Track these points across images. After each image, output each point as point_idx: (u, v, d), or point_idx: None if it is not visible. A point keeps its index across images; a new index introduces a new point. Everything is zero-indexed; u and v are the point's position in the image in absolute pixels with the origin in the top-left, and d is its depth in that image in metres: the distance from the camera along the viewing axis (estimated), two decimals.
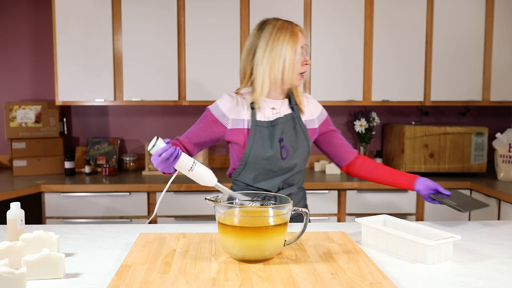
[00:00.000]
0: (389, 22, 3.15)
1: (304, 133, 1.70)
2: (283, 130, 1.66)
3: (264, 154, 1.63)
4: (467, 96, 3.21)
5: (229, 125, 1.66)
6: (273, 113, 1.68)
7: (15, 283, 0.98)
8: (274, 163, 1.65)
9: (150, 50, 3.09)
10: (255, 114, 1.66)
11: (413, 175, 1.74)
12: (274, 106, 1.69)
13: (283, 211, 1.21)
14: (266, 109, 1.67)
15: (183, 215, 2.89)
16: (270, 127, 1.66)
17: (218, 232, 1.22)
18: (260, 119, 1.66)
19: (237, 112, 1.66)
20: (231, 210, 1.23)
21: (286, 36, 1.60)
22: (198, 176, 1.43)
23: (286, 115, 1.68)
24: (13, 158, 3.15)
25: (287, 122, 1.68)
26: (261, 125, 1.65)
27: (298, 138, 1.69)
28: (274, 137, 1.65)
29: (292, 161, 1.68)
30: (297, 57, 1.62)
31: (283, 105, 1.71)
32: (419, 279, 1.14)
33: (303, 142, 1.69)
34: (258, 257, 1.19)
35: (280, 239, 1.20)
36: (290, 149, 1.67)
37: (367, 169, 1.78)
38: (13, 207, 1.34)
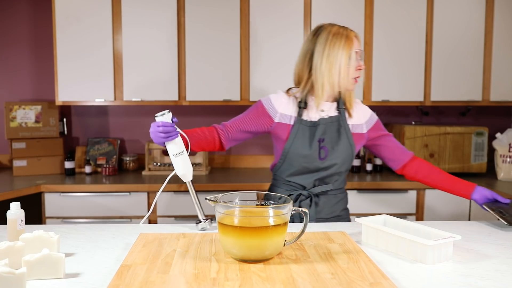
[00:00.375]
0: (389, 22, 3.15)
1: (348, 136, 1.74)
2: (325, 131, 1.72)
3: (301, 152, 1.70)
4: (467, 96, 3.21)
5: (276, 118, 1.74)
6: (320, 114, 1.73)
7: (15, 283, 0.98)
8: (310, 161, 1.71)
9: (150, 50, 3.09)
10: (302, 113, 1.73)
11: (471, 183, 1.75)
12: (323, 108, 1.74)
13: (283, 211, 1.21)
14: (313, 109, 1.74)
15: (183, 215, 2.89)
16: (312, 126, 1.72)
17: (218, 232, 1.22)
18: (305, 118, 1.73)
19: (286, 107, 1.74)
20: (231, 210, 1.23)
21: (342, 41, 1.66)
22: (179, 164, 1.53)
23: (331, 117, 1.74)
24: (13, 158, 3.15)
25: (331, 124, 1.73)
26: (305, 124, 1.72)
27: (341, 141, 1.73)
28: (314, 137, 1.71)
29: (330, 161, 1.72)
30: (351, 62, 1.68)
31: (332, 107, 1.76)
32: (419, 279, 1.14)
33: (345, 145, 1.73)
34: (258, 257, 1.19)
35: (280, 239, 1.20)
36: (330, 150, 1.71)
37: (423, 172, 1.80)
38: (13, 207, 1.34)
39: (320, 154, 1.71)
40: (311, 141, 1.71)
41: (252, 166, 3.56)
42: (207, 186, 2.90)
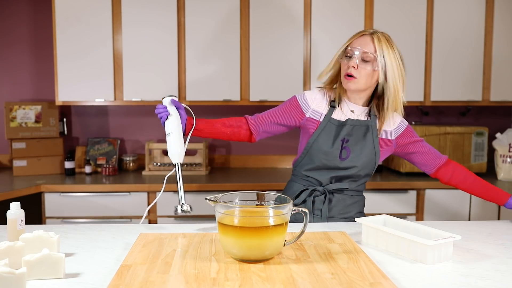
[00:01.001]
0: (389, 22, 3.14)
1: (374, 142, 1.73)
2: (351, 132, 1.72)
3: (323, 148, 1.71)
4: (467, 96, 3.21)
5: (308, 113, 1.76)
6: (350, 114, 1.74)
7: (15, 283, 0.98)
8: (330, 159, 1.71)
9: (150, 50, 3.09)
10: (332, 111, 1.75)
11: (505, 193, 1.74)
12: (354, 110, 1.75)
13: (283, 211, 1.21)
14: (344, 110, 1.75)
15: (183, 215, 2.89)
16: (338, 126, 1.73)
17: (218, 232, 1.22)
18: (334, 117, 1.74)
19: (319, 104, 1.77)
20: (231, 210, 1.23)
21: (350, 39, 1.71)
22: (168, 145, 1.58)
23: (359, 120, 1.73)
24: (13, 158, 3.15)
25: (359, 127, 1.73)
26: (332, 122, 1.73)
27: (365, 145, 1.72)
28: (338, 136, 1.71)
29: (350, 163, 1.71)
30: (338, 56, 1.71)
31: (363, 112, 1.76)
32: (419, 279, 1.14)
33: (369, 150, 1.72)
34: (258, 257, 1.19)
35: (280, 239, 1.20)
36: (352, 152, 1.71)
37: (459, 178, 1.78)
38: (13, 207, 1.34)
39: (341, 154, 1.71)
40: (334, 140, 1.71)
41: (252, 166, 3.56)
42: (207, 186, 2.90)
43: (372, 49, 1.64)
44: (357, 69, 1.64)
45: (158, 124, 3.50)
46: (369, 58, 1.64)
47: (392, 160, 3.33)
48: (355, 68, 1.65)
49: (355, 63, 1.65)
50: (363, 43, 1.65)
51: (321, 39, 3.14)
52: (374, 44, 1.64)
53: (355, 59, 1.65)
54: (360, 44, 1.66)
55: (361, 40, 1.67)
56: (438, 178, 1.83)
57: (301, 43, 3.12)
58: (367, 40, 1.66)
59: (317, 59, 3.15)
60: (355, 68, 1.64)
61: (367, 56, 1.64)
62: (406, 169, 3.14)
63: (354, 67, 1.65)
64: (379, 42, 1.64)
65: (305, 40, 3.12)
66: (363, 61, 1.65)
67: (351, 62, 1.66)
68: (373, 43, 1.64)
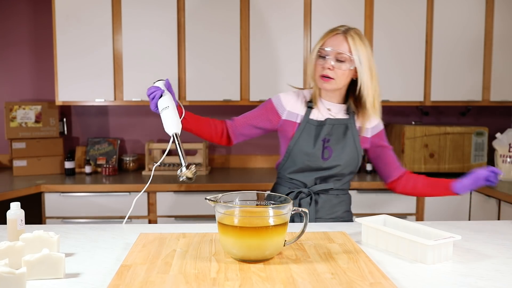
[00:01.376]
0: (389, 22, 3.15)
1: (355, 140, 1.73)
2: (331, 131, 1.71)
3: (305, 150, 1.70)
4: (467, 96, 3.21)
5: (284, 115, 1.75)
6: (328, 113, 1.73)
7: (15, 283, 0.98)
8: (313, 160, 1.71)
9: (150, 50, 3.09)
10: (310, 112, 1.73)
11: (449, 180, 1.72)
12: (330, 108, 1.74)
13: (283, 211, 1.21)
14: (321, 109, 1.74)
15: (183, 215, 2.89)
16: (318, 126, 1.72)
17: (218, 232, 1.22)
18: (312, 117, 1.73)
19: (294, 106, 1.75)
20: (231, 210, 1.23)
21: (321, 37, 1.68)
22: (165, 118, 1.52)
23: (338, 119, 1.72)
24: (13, 158, 3.15)
25: (338, 126, 1.72)
26: (311, 123, 1.72)
27: (347, 144, 1.72)
28: (319, 136, 1.70)
29: (333, 162, 1.71)
30: (312, 57, 1.68)
31: (341, 110, 1.75)
32: (419, 279, 1.14)
33: (351, 148, 1.72)
34: (258, 257, 1.19)
35: (280, 239, 1.20)
36: (334, 151, 1.70)
37: (409, 185, 1.80)
38: (13, 207, 1.34)
39: (323, 154, 1.70)
40: (315, 140, 1.71)
41: (252, 166, 3.56)
42: (207, 186, 2.90)
43: (346, 48, 1.62)
44: (332, 70, 1.63)
45: (158, 124, 3.49)
46: (344, 58, 1.62)
47: None
48: (330, 69, 1.63)
49: (330, 65, 1.62)
50: (336, 43, 1.63)
51: None
52: (348, 44, 1.62)
53: (330, 60, 1.63)
54: (334, 44, 1.63)
55: (334, 40, 1.64)
56: (393, 189, 1.84)
57: (301, 43, 3.12)
58: (340, 40, 1.63)
59: None
60: (331, 69, 1.63)
61: (341, 57, 1.62)
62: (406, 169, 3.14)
63: (330, 69, 1.63)
64: (353, 40, 1.62)
65: (305, 40, 3.12)
66: (338, 61, 1.63)
67: (326, 63, 1.63)
68: (347, 42, 1.62)
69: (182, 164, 1.45)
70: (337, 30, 1.65)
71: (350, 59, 1.62)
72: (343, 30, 1.64)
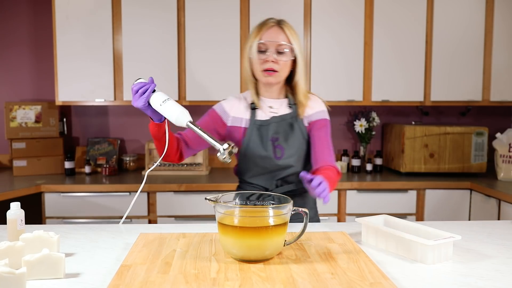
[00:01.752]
0: (389, 22, 3.15)
1: (302, 132, 1.69)
2: (277, 129, 1.67)
3: (256, 153, 1.66)
4: (467, 96, 3.21)
5: (229, 122, 1.71)
6: (270, 112, 1.69)
7: (15, 283, 0.98)
8: (268, 161, 1.66)
9: (150, 50, 3.09)
10: (255, 114, 1.69)
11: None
12: (272, 105, 1.70)
13: (283, 211, 1.21)
14: (264, 108, 1.70)
15: (183, 215, 2.89)
16: (264, 126, 1.67)
17: (218, 232, 1.22)
18: (258, 118, 1.69)
19: (238, 110, 1.71)
20: (231, 210, 1.23)
21: (254, 32, 1.63)
22: (170, 109, 1.40)
23: (282, 115, 1.68)
24: (13, 158, 3.15)
25: (283, 122, 1.68)
26: (257, 124, 1.68)
27: (295, 138, 1.67)
28: (267, 137, 1.66)
29: (288, 160, 1.66)
30: (252, 52, 1.62)
31: (282, 104, 1.71)
32: (419, 279, 1.14)
33: (299, 141, 1.68)
34: (258, 257, 1.19)
35: (280, 239, 1.20)
36: (287, 149, 1.66)
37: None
38: (13, 207, 1.34)
39: (276, 154, 1.66)
40: (264, 141, 1.66)
41: None
42: (207, 186, 2.90)
43: (285, 39, 1.61)
44: (276, 63, 1.61)
45: None
46: (284, 49, 1.61)
47: (392, 160, 3.33)
48: (274, 62, 1.60)
49: (274, 57, 1.60)
50: (274, 35, 1.61)
51: (321, 39, 3.14)
52: (286, 34, 1.62)
53: (272, 53, 1.60)
54: (272, 36, 1.61)
55: (271, 32, 1.61)
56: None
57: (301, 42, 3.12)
58: (277, 31, 1.62)
59: (317, 59, 3.15)
60: (275, 62, 1.60)
61: (282, 48, 1.61)
62: (406, 169, 3.14)
63: (274, 61, 1.60)
64: (289, 30, 1.62)
65: (305, 40, 3.12)
66: (279, 53, 1.61)
67: (268, 56, 1.60)
68: (285, 33, 1.62)
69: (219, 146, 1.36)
70: (270, 22, 1.63)
71: (290, 49, 1.62)
72: (276, 21, 1.63)
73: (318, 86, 3.17)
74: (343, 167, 3.31)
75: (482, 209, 2.86)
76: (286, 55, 1.62)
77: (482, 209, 2.87)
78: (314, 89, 3.17)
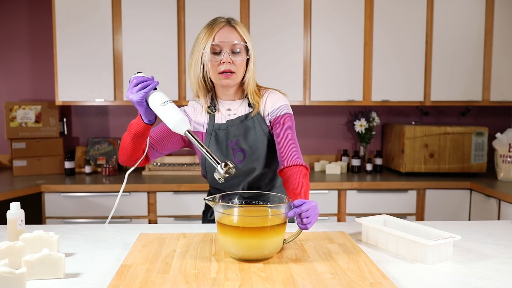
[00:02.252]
0: (389, 22, 3.15)
1: (264, 131, 1.59)
2: (237, 132, 1.58)
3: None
4: (467, 96, 3.21)
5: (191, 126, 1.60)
6: (228, 115, 1.60)
7: (15, 283, 0.98)
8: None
9: (150, 50, 3.09)
10: (213, 118, 1.60)
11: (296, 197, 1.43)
12: (230, 107, 1.61)
13: (281, 211, 1.21)
14: (222, 111, 1.61)
15: (183, 215, 2.89)
16: (223, 129, 1.59)
17: (217, 232, 1.22)
18: (217, 122, 1.60)
19: (198, 115, 1.62)
20: (230, 210, 1.23)
21: (204, 33, 1.53)
22: (170, 113, 1.32)
23: (240, 117, 1.59)
24: (13, 158, 3.15)
25: (242, 123, 1.59)
26: (217, 128, 1.59)
27: (256, 139, 1.58)
28: (226, 141, 1.58)
29: (251, 164, 1.58)
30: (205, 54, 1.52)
31: (242, 105, 1.62)
32: (419, 279, 1.14)
33: (261, 142, 1.59)
34: (258, 256, 1.19)
35: (279, 238, 1.21)
36: (248, 152, 1.57)
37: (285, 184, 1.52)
38: (13, 207, 1.34)
39: (236, 158, 1.57)
40: (224, 146, 1.58)
41: None
42: (207, 186, 2.89)
43: (239, 38, 1.53)
44: (232, 63, 1.52)
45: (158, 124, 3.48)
46: (239, 49, 1.53)
47: (392, 160, 3.33)
48: (231, 63, 1.52)
49: (230, 58, 1.51)
50: (227, 35, 1.52)
51: (321, 39, 3.14)
52: (239, 33, 1.54)
53: (227, 54, 1.51)
54: (226, 36, 1.52)
55: (224, 32, 1.52)
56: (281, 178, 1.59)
57: (301, 43, 3.12)
58: (230, 30, 1.53)
59: (317, 59, 3.15)
60: (231, 63, 1.52)
61: (236, 48, 1.52)
62: (406, 169, 3.14)
63: (230, 62, 1.51)
64: (241, 29, 1.55)
65: (305, 40, 3.12)
66: (234, 53, 1.52)
67: (224, 58, 1.51)
68: (238, 32, 1.54)
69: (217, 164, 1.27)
70: (221, 22, 1.54)
71: (244, 49, 1.55)
72: (226, 20, 1.55)
73: (318, 86, 3.17)
74: (343, 167, 3.31)
75: (482, 209, 2.86)
76: (241, 55, 1.54)
77: (482, 209, 2.87)
78: (314, 89, 3.17)
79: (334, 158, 3.57)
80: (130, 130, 1.46)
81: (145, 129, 1.44)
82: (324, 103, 3.19)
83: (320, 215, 2.97)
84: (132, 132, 1.45)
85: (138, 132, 1.44)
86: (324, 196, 2.96)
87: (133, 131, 1.45)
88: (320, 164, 3.38)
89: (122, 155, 1.53)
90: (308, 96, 3.17)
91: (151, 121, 1.43)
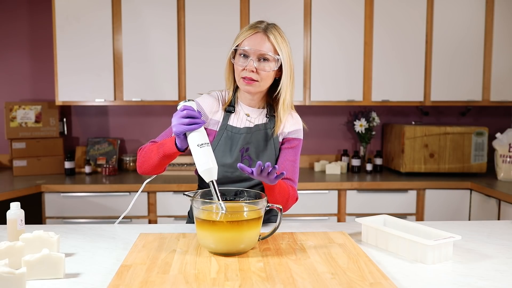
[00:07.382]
0: (389, 22, 3.15)
1: (275, 146, 1.59)
2: (250, 140, 1.56)
3: (222, 161, 1.53)
4: (467, 96, 3.21)
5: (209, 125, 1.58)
6: (246, 120, 1.58)
7: (15, 283, 0.98)
8: (232, 171, 1.54)
9: (150, 50, 3.09)
10: (228, 118, 1.57)
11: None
12: (249, 113, 1.58)
13: (257, 206, 1.26)
14: (240, 114, 1.58)
15: (183, 215, 2.89)
16: (236, 134, 1.56)
17: (196, 227, 1.26)
18: (231, 124, 1.57)
19: (214, 113, 1.58)
20: (208, 206, 1.28)
21: (240, 34, 1.51)
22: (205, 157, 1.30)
23: (257, 125, 1.57)
24: (13, 158, 3.15)
25: (257, 132, 1.57)
26: (230, 130, 1.56)
27: (267, 150, 1.57)
28: (237, 146, 1.55)
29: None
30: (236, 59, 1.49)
31: (261, 114, 1.60)
32: (419, 279, 1.14)
33: (270, 155, 1.58)
34: (233, 250, 1.23)
35: (254, 232, 1.25)
36: (254, 161, 1.55)
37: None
38: (13, 207, 1.34)
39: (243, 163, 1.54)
40: (233, 150, 1.54)
41: None
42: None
43: (269, 48, 1.46)
44: (256, 72, 1.47)
45: (158, 124, 3.50)
46: (268, 58, 1.47)
47: (392, 160, 3.33)
48: (254, 72, 1.47)
49: (253, 66, 1.46)
50: (257, 43, 1.46)
51: (321, 39, 3.14)
52: (271, 43, 1.47)
53: (252, 61, 1.46)
54: (255, 43, 1.46)
55: (254, 39, 1.47)
56: None
57: (301, 43, 3.12)
58: (262, 39, 1.47)
59: (317, 59, 3.15)
60: (255, 71, 1.47)
61: (264, 57, 1.47)
62: (406, 169, 3.14)
63: (253, 71, 1.47)
64: (276, 39, 1.47)
65: (305, 41, 3.12)
66: (261, 61, 1.47)
67: (248, 64, 1.46)
68: (270, 42, 1.47)
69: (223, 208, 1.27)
70: (257, 27, 1.49)
71: (274, 59, 1.48)
72: (263, 27, 1.48)
73: (318, 86, 3.17)
74: (343, 167, 3.31)
75: (482, 209, 2.86)
76: (269, 65, 1.48)
77: (482, 209, 2.87)
78: (314, 89, 3.17)
79: (334, 158, 3.57)
80: (159, 149, 1.43)
81: (177, 153, 1.42)
82: (324, 103, 3.20)
83: (320, 215, 2.97)
84: (162, 152, 1.43)
85: (168, 154, 1.42)
86: (324, 196, 2.96)
87: (163, 151, 1.42)
88: (320, 164, 3.38)
89: (144, 167, 1.50)
90: (308, 96, 3.17)
91: (183, 148, 1.40)
